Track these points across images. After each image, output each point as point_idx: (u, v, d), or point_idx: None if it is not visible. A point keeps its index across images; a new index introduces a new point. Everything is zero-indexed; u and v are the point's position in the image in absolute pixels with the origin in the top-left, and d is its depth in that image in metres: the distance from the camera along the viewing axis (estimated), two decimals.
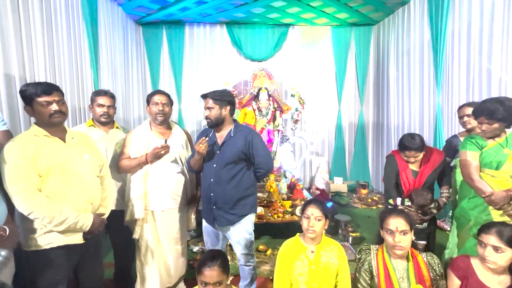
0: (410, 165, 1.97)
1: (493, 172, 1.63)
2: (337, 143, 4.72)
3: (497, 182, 1.61)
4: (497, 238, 1.22)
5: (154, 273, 1.75)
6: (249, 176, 1.76)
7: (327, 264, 1.45)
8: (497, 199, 1.52)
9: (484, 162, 1.65)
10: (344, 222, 2.97)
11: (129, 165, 1.73)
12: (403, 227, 1.34)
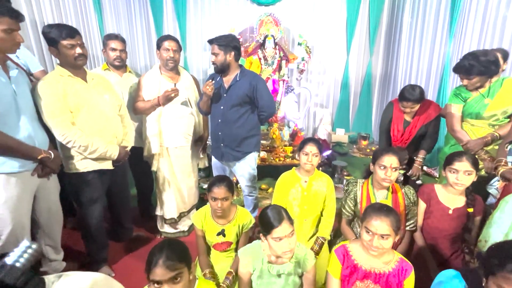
0: (405, 115, 2.09)
1: (473, 121, 1.79)
2: (342, 95, 4.76)
3: (475, 130, 1.78)
4: (469, 163, 1.43)
5: (171, 199, 2.07)
6: (253, 118, 1.95)
7: (317, 191, 1.72)
8: (471, 146, 1.72)
9: (466, 113, 1.80)
10: (340, 167, 3.24)
11: (143, 107, 1.92)
12: (395, 164, 1.54)
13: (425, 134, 2.08)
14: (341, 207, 1.75)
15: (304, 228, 1.74)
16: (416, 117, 2.06)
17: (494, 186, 1.57)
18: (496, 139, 1.69)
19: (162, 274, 0.91)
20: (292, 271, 1.23)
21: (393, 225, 1.10)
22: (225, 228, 1.60)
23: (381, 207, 1.16)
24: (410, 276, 1.14)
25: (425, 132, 2.07)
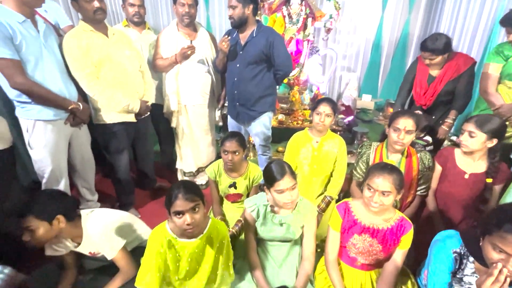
0: (430, 70, 1.91)
1: (511, 83, 1.59)
2: (373, 57, 4.41)
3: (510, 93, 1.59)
4: (473, 125, 1.36)
5: (189, 154, 2.21)
6: (269, 77, 1.92)
7: (328, 152, 1.73)
8: (504, 111, 1.57)
9: (505, 73, 1.61)
10: (361, 133, 3.15)
11: (162, 64, 1.97)
12: (410, 127, 1.47)
13: (454, 92, 1.87)
14: (353, 169, 1.76)
15: (313, 187, 1.79)
16: (443, 71, 1.85)
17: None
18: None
19: (183, 205, 1.03)
20: (293, 221, 1.31)
21: (395, 183, 1.11)
22: (237, 181, 1.71)
23: (385, 166, 1.16)
24: (408, 234, 1.17)
25: (452, 89, 1.86)
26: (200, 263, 1.19)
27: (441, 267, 1.05)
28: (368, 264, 1.27)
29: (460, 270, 1.04)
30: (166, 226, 1.16)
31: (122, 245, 1.28)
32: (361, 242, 1.23)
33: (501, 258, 0.85)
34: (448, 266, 1.04)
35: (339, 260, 1.33)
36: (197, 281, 1.20)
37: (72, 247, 1.28)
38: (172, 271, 1.17)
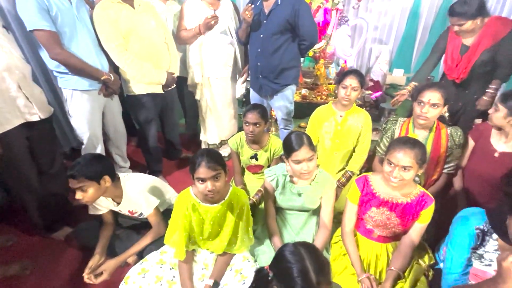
0: (463, 40, 1.73)
1: None
2: (408, 28, 4.05)
3: None
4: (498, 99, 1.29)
5: (212, 126, 2.28)
6: (293, 48, 1.87)
7: (351, 127, 1.69)
8: None
9: None
10: (389, 110, 3.01)
11: (186, 35, 1.97)
12: (436, 100, 1.39)
13: (492, 62, 1.69)
14: (376, 145, 1.72)
15: (334, 162, 1.79)
16: (477, 40, 1.66)
17: None
18: None
19: (206, 172, 1.09)
20: (311, 192, 1.35)
21: (416, 158, 1.08)
22: (258, 153, 1.75)
23: (407, 140, 1.12)
24: (429, 208, 1.15)
25: (490, 59, 1.67)
26: (222, 226, 1.28)
27: (462, 242, 1.04)
28: (384, 237, 1.28)
29: (482, 246, 1.03)
30: (191, 191, 1.25)
31: (157, 204, 1.41)
32: (378, 215, 1.24)
33: None
34: (469, 242, 1.03)
35: (356, 232, 1.36)
36: (219, 242, 1.30)
37: (113, 206, 1.43)
38: (197, 232, 1.28)
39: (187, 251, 1.27)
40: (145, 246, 1.41)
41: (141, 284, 1.19)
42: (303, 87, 3.09)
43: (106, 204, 1.44)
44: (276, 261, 0.81)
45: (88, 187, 1.23)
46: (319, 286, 0.71)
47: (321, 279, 0.72)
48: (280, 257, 0.79)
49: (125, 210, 1.44)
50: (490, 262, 1.04)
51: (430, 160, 1.51)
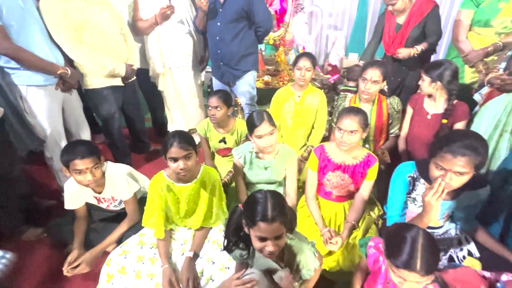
0: (397, 19, 1.99)
1: (480, 29, 1.73)
2: (359, 13, 4.37)
3: (481, 40, 1.72)
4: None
5: (179, 116, 2.33)
6: (250, 35, 1.98)
7: (309, 105, 1.87)
8: (472, 57, 1.69)
9: (475, 20, 1.71)
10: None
11: (143, 26, 1.99)
12: (376, 77, 1.61)
13: (422, 38, 1.96)
14: (331, 120, 1.92)
15: (296, 139, 1.97)
16: (408, 18, 1.96)
17: (481, 93, 1.63)
18: (498, 49, 1.65)
19: (178, 152, 1.17)
20: (276, 165, 1.50)
21: (360, 122, 1.27)
22: (226, 136, 1.86)
23: (352, 109, 1.32)
24: (373, 167, 1.37)
25: (419, 34, 1.95)
26: (197, 204, 1.39)
27: (398, 189, 1.26)
28: (341, 196, 1.49)
29: (414, 191, 1.26)
30: (163, 173, 1.33)
31: (137, 189, 1.47)
32: (334, 177, 1.43)
33: (441, 174, 1.05)
34: (404, 188, 1.26)
35: (318, 196, 1.55)
36: (196, 218, 1.40)
37: (92, 196, 1.46)
38: (173, 211, 1.37)
39: (165, 231, 1.35)
40: (122, 233, 1.46)
41: (123, 264, 1.25)
42: (265, 74, 3.23)
43: (85, 195, 1.45)
44: (247, 199, 0.97)
45: (99, 166, 1.32)
46: (273, 221, 0.87)
47: (276, 216, 0.87)
48: (250, 197, 0.95)
49: (108, 196, 1.46)
50: (421, 204, 1.28)
51: (375, 128, 1.75)
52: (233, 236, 1.02)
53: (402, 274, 0.81)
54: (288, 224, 0.93)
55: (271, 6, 3.55)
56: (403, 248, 0.81)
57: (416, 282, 0.80)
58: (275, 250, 0.88)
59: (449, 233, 1.35)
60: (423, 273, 0.78)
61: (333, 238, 1.33)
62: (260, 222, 0.87)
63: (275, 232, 0.87)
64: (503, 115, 1.43)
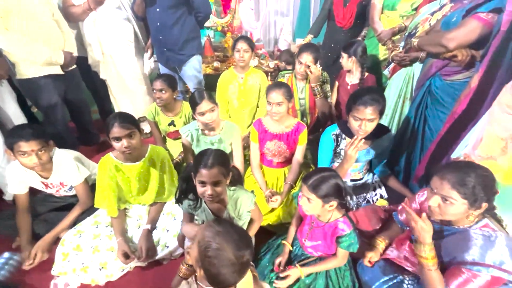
0: None
1: (389, 12, 2.07)
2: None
3: (389, 22, 2.07)
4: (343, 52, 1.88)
5: (127, 104, 2.34)
6: (191, 20, 2.07)
7: (252, 85, 2.05)
8: (383, 35, 2.02)
9: (385, 4, 2.04)
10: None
11: (75, 12, 1.94)
12: (309, 62, 1.85)
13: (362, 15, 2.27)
14: None
15: (243, 118, 2.14)
16: None
17: (389, 69, 1.97)
18: (402, 29, 2.00)
19: (120, 131, 1.26)
20: (221, 140, 1.66)
21: (284, 94, 1.49)
22: (174, 119, 1.96)
23: (276, 84, 1.53)
24: (303, 133, 1.60)
25: (362, 11, 2.25)
26: (148, 181, 1.49)
27: (325, 147, 1.55)
28: (281, 162, 1.71)
29: (338, 146, 1.54)
30: (111, 154, 1.41)
31: (88, 174, 1.51)
32: (272, 146, 1.64)
33: (359, 124, 1.34)
34: (330, 145, 1.54)
35: (262, 165, 1.75)
36: (149, 194, 1.51)
37: (39, 182, 1.46)
38: (125, 191, 1.46)
39: (119, 210, 1.44)
40: (75, 218, 1.50)
41: (78, 242, 1.32)
42: (215, 60, 3.32)
43: (31, 180, 1.44)
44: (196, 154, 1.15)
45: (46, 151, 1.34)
46: (212, 167, 1.05)
47: (215, 164, 1.06)
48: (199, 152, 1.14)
49: (56, 182, 1.47)
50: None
51: (309, 102, 2.00)
52: (183, 185, 1.18)
53: (303, 192, 1.07)
54: (226, 175, 1.11)
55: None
56: (310, 175, 1.08)
57: (308, 198, 1.07)
58: (213, 193, 1.06)
59: (367, 182, 1.67)
60: (311, 190, 1.04)
61: (273, 196, 1.55)
62: (201, 169, 1.05)
63: (212, 177, 1.06)
64: (404, 85, 1.77)
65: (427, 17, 1.57)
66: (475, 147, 1.08)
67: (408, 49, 1.69)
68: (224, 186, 1.12)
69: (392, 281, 1.10)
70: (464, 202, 0.92)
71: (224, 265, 0.75)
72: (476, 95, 1.18)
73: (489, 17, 1.12)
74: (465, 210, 0.93)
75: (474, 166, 0.94)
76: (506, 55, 1.10)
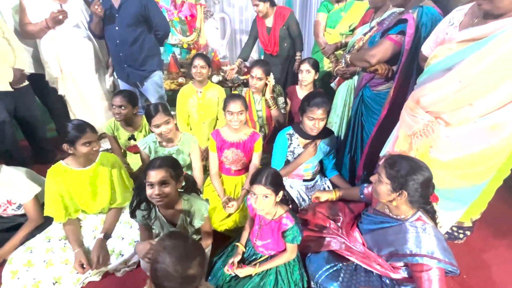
0: (266, 21, 2.53)
1: (330, 30, 2.35)
2: None
3: (330, 38, 2.34)
4: (308, 65, 2.06)
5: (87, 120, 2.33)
6: (151, 38, 2.19)
7: (210, 99, 2.18)
8: (327, 50, 2.28)
9: (328, 23, 2.31)
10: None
11: (32, 30, 1.98)
12: (260, 75, 2.05)
13: (289, 38, 2.52)
14: None
15: (203, 130, 2.25)
16: (274, 21, 2.51)
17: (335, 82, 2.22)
18: (343, 45, 2.28)
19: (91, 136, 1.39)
20: (179, 151, 1.74)
21: (242, 104, 1.63)
22: (135, 134, 2.01)
23: (233, 95, 1.69)
24: (258, 140, 1.75)
25: (285, 34, 2.50)
26: (99, 185, 1.52)
27: (280, 145, 1.73)
28: (238, 170, 1.82)
29: (291, 144, 1.74)
30: (61, 162, 1.44)
31: (38, 191, 1.50)
32: (230, 154, 1.76)
33: (313, 123, 1.56)
34: (284, 143, 1.72)
35: (221, 174, 1.85)
36: (101, 199, 1.54)
37: None
38: (77, 196, 1.47)
39: (72, 219, 1.45)
40: (24, 236, 1.47)
41: (29, 258, 1.31)
42: (179, 76, 3.43)
43: None
44: None
45: None
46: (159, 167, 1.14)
47: (162, 165, 1.16)
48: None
49: (3, 200, 1.45)
50: (297, 155, 1.72)
51: (266, 113, 2.17)
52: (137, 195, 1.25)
53: (253, 189, 1.18)
54: (175, 177, 1.20)
55: (181, 13, 3.79)
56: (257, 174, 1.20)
57: (263, 195, 1.16)
58: (160, 193, 1.14)
59: (317, 184, 1.83)
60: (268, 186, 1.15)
61: (230, 202, 1.64)
62: (149, 170, 1.15)
63: (159, 176, 1.14)
64: (347, 95, 2.00)
65: (360, 37, 1.82)
66: (393, 144, 1.28)
67: (348, 64, 1.94)
68: (173, 188, 1.20)
69: (332, 269, 1.23)
70: (387, 182, 1.09)
71: (167, 279, 0.81)
72: (394, 102, 1.40)
73: (398, 38, 1.36)
74: (388, 191, 1.11)
75: (409, 158, 1.12)
76: (412, 69, 1.34)
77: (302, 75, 2.11)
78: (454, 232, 1.65)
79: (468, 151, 1.06)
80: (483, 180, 1.15)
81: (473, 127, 1.02)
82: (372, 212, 1.30)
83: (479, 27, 0.97)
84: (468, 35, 0.99)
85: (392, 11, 1.60)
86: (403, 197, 1.11)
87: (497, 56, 0.90)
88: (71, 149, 1.37)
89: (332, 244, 1.33)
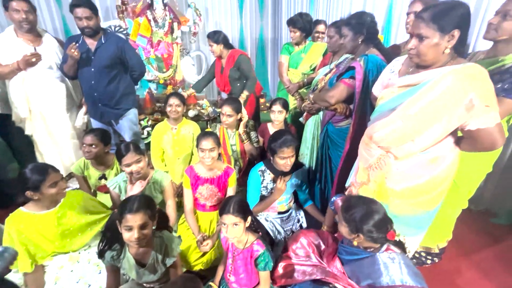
0: (222, 62, 2.69)
1: (293, 70, 2.61)
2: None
3: (293, 77, 2.59)
4: (280, 106, 2.20)
5: (56, 160, 2.29)
6: (126, 78, 2.27)
7: (185, 135, 2.24)
8: (291, 88, 2.51)
9: (290, 63, 2.56)
10: None
11: (2, 71, 1.99)
12: (229, 112, 2.15)
13: (239, 77, 2.62)
14: None
15: (178, 165, 2.27)
16: (226, 63, 2.64)
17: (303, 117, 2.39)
18: (305, 84, 2.51)
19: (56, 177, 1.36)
20: (151, 189, 1.74)
21: (214, 141, 1.71)
22: (106, 173, 1.99)
23: (205, 133, 1.76)
24: (232, 175, 1.81)
25: (235, 75, 2.60)
26: (70, 223, 1.47)
27: (253, 182, 1.79)
28: (213, 206, 1.84)
29: (264, 180, 1.81)
30: (21, 208, 1.39)
31: None
32: (204, 190, 1.79)
33: (285, 162, 1.65)
34: (258, 180, 1.79)
35: (196, 210, 1.85)
36: (82, 235, 1.50)
37: None
38: (45, 241, 1.40)
39: (36, 265, 1.38)
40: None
41: None
42: (155, 111, 3.49)
43: None
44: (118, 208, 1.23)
45: None
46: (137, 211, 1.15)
47: (140, 207, 1.17)
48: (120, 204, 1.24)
49: None
50: (270, 190, 1.78)
51: (240, 147, 2.25)
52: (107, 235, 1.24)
53: (223, 220, 1.24)
54: (153, 217, 1.21)
55: (157, 51, 3.97)
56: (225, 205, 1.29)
57: (233, 223, 1.23)
58: (140, 236, 1.13)
59: (291, 215, 1.90)
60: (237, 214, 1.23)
61: (204, 241, 1.64)
62: (126, 214, 1.14)
63: (139, 220, 1.14)
64: (315, 129, 2.16)
65: (322, 77, 2.04)
66: (355, 176, 1.40)
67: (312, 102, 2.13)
68: (151, 228, 1.20)
69: None
70: (345, 225, 1.21)
71: None
72: (354, 137, 1.56)
73: (350, 81, 1.56)
74: (347, 232, 1.23)
75: (363, 201, 1.23)
76: (367, 107, 1.52)
77: (275, 115, 2.22)
78: (422, 257, 1.75)
79: (416, 182, 1.20)
80: (433, 207, 1.28)
81: (416, 160, 1.17)
82: (347, 243, 1.37)
83: (413, 75, 1.16)
84: (405, 81, 1.18)
85: (346, 56, 1.84)
86: (361, 239, 1.21)
87: (427, 100, 1.07)
88: (36, 195, 1.34)
89: (317, 273, 1.35)
